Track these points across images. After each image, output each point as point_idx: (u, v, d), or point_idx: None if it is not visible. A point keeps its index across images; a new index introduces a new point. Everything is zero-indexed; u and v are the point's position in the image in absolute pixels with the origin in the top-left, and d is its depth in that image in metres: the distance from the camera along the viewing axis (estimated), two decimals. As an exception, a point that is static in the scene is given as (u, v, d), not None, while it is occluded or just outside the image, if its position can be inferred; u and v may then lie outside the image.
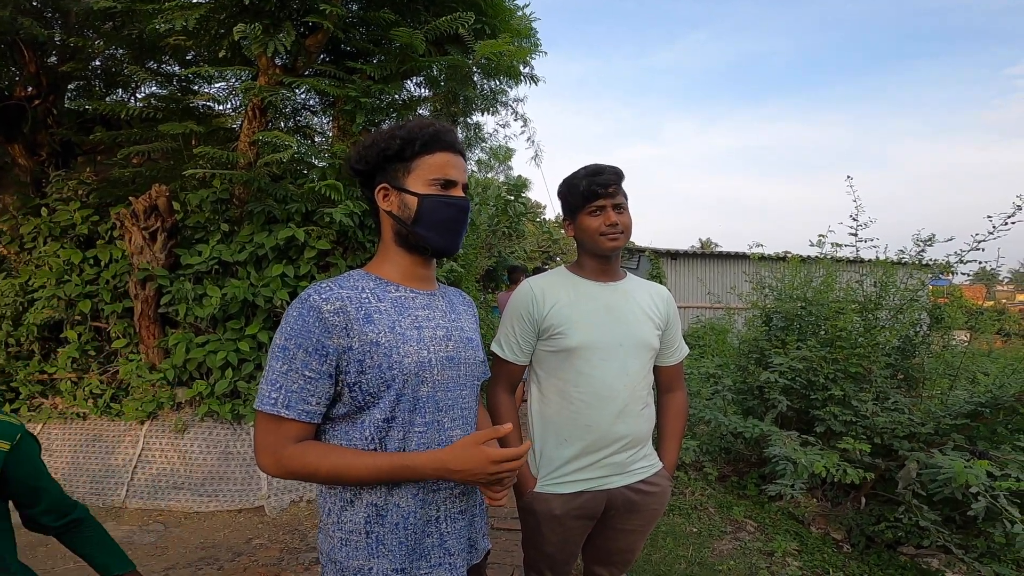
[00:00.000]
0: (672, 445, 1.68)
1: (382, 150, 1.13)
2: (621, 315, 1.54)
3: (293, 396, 1.01)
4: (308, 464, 1.02)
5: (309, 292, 1.05)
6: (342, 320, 1.02)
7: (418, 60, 3.86)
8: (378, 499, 1.06)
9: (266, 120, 3.99)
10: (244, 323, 3.77)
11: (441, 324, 1.15)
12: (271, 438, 1.02)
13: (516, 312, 1.54)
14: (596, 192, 1.49)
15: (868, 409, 3.00)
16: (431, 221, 1.11)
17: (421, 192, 1.11)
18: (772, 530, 3.28)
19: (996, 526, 2.34)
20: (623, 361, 1.51)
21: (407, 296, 1.14)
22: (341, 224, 3.52)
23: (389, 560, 1.05)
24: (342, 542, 1.07)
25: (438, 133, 1.13)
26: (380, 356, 1.03)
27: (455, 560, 1.12)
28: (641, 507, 1.57)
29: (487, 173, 14.35)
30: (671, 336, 1.66)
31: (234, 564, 2.99)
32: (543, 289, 1.54)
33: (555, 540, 1.54)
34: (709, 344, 5.65)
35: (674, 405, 1.70)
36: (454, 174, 1.14)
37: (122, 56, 4.45)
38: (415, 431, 1.07)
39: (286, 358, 1.01)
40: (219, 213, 3.89)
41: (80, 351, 4.05)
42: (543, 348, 1.54)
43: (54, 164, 4.49)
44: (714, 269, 13.07)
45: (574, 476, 1.51)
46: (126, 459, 3.82)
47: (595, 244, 1.52)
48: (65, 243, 4.10)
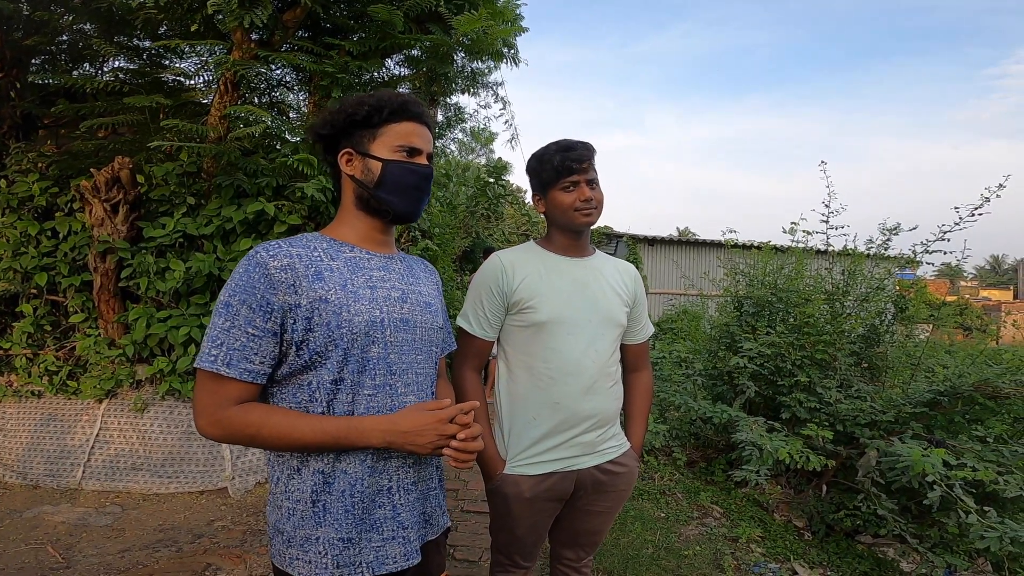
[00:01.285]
0: (639, 425, 1.68)
1: (349, 115, 1.14)
2: (590, 291, 1.52)
3: (235, 354, 0.97)
4: (250, 424, 0.98)
5: (257, 249, 1.03)
6: (289, 276, 1.00)
7: (398, 38, 3.80)
8: (325, 466, 1.03)
9: (239, 95, 3.88)
10: (209, 298, 3.67)
11: (397, 286, 1.14)
12: (211, 399, 0.99)
13: (485, 285, 1.51)
14: (571, 167, 1.47)
15: (832, 396, 3.05)
16: (394, 185, 1.12)
17: (386, 157, 1.12)
18: (737, 516, 3.32)
19: (950, 516, 2.39)
20: (591, 336, 1.50)
21: (362, 256, 1.13)
22: (313, 199, 3.44)
23: (335, 528, 1.02)
24: (289, 512, 1.04)
25: (406, 103, 1.14)
26: (328, 313, 1.01)
27: (408, 534, 1.09)
28: (609, 487, 1.56)
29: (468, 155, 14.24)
30: (638, 313, 1.66)
31: (194, 546, 2.92)
32: (512, 263, 1.51)
33: (525, 523, 1.51)
34: (682, 329, 5.70)
35: (640, 384, 1.69)
36: (419, 143, 1.15)
37: (90, 30, 4.30)
38: (364, 393, 1.05)
39: (229, 314, 0.98)
40: (185, 186, 3.78)
41: (36, 326, 3.90)
42: (512, 323, 1.52)
43: (15, 137, 4.32)
44: (690, 256, 13.29)
45: (544, 456, 1.49)
46: (83, 439, 3.70)
47: (569, 220, 1.50)
48: (23, 215, 3.94)
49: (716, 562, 2.80)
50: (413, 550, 1.09)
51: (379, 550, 1.05)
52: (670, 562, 2.78)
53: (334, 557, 1.01)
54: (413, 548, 1.09)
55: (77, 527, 3.11)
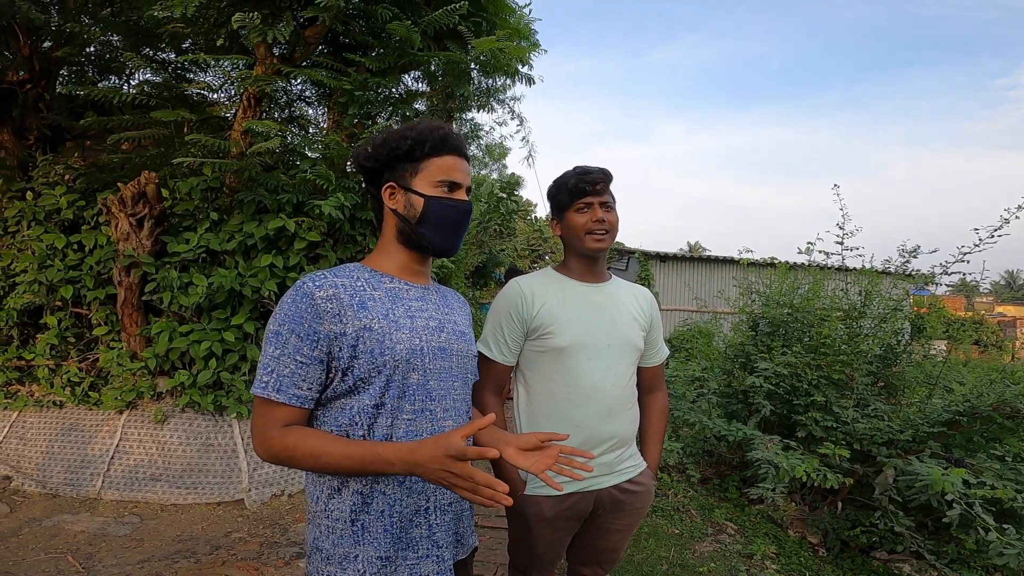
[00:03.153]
0: (655, 445, 1.71)
1: (392, 149, 1.15)
2: (608, 316, 1.55)
3: (284, 380, 1.02)
4: (287, 446, 1.02)
5: (304, 280, 1.07)
6: (335, 307, 1.04)
7: (416, 55, 3.87)
8: (364, 487, 1.06)
9: (261, 110, 3.97)
10: (230, 313, 3.73)
11: (434, 316, 1.17)
12: (262, 421, 1.04)
13: (505, 312, 1.54)
14: (584, 189, 1.51)
15: (849, 415, 3.05)
16: (435, 222, 1.14)
17: (427, 193, 1.14)
18: (751, 533, 3.31)
19: (969, 533, 2.39)
20: (610, 361, 1.53)
21: (401, 287, 1.16)
22: (331, 216, 3.50)
23: (374, 547, 1.05)
24: (328, 530, 1.07)
25: (447, 136, 1.16)
26: (372, 341, 1.04)
27: (443, 552, 1.12)
28: (627, 506, 1.59)
29: (481, 170, 14.36)
30: (654, 337, 1.69)
31: (212, 557, 2.95)
32: (532, 289, 1.55)
33: (545, 541, 1.54)
34: (695, 347, 5.69)
35: (656, 405, 1.73)
36: (459, 177, 1.16)
37: (118, 42, 4.40)
38: (403, 418, 1.07)
39: (279, 343, 1.03)
40: (208, 201, 3.85)
41: (59, 337, 3.97)
42: (531, 348, 1.55)
43: (42, 148, 4.42)
44: (702, 273, 13.21)
45: (563, 477, 1.51)
46: (103, 449, 3.75)
47: (582, 243, 1.54)
48: (49, 227, 4.02)
49: (732, 580, 2.80)
50: (446, 568, 1.12)
51: (414, 568, 1.08)
52: (685, 579, 2.78)
53: (372, 575, 1.05)
54: (447, 567, 1.12)
55: (96, 536, 3.15)
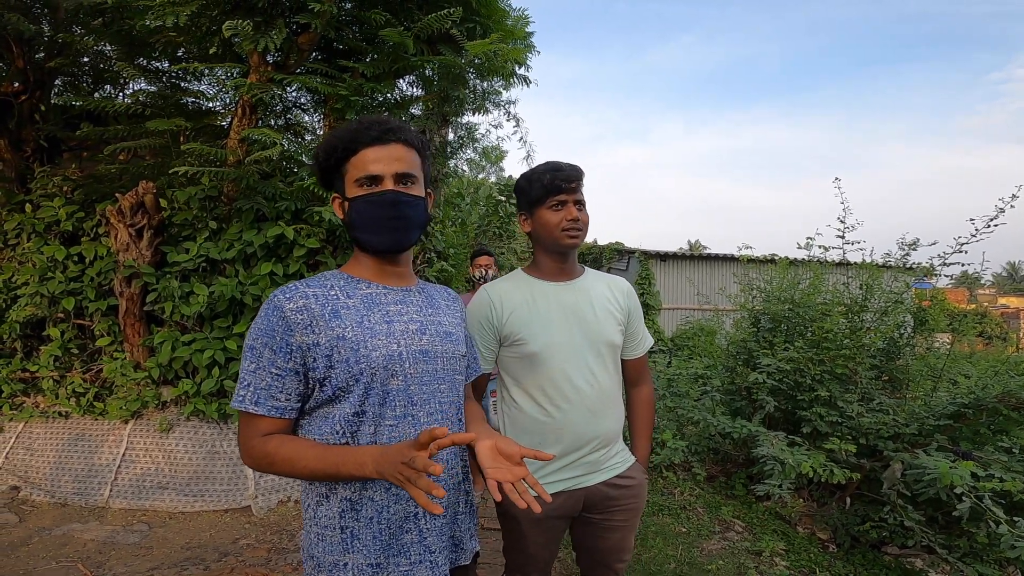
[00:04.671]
0: (643, 438, 1.70)
1: (321, 163, 1.15)
2: (581, 315, 1.53)
3: (262, 393, 1.04)
4: (267, 453, 1.04)
5: (276, 293, 1.08)
6: (306, 318, 1.04)
7: (410, 60, 3.86)
8: (352, 493, 1.07)
9: (256, 118, 3.96)
10: (232, 321, 3.74)
11: (415, 318, 1.15)
12: (244, 431, 1.06)
13: (475, 321, 1.53)
14: (559, 187, 1.49)
15: (854, 410, 3.04)
16: (363, 222, 1.11)
17: (350, 196, 1.11)
18: (759, 530, 3.31)
19: (980, 526, 2.38)
20: (587, 362, 1.52)
21: (378, 292, 1.15)
22: (330, 223, 3.50)
23: (364, 555, 1.06)
24: (318, 537, 1.08)
25: (357, 132, 1.10)
26: (347, 350, 1.05)
27: (436, 558, 1.11)
28: (619, 501, 1.58)
29: (479, 174, 14.36)
30: (634, 329, 1.65)
31: (221, 564, 2.96)
32: (500, 296, 1.53)
33: (536, 541, 1.54)
34: (698, 345, 5.69)
35: (642, 398, 1.71)
36: (377, 168, 1.09)
37: (111, 52, 4.40)
38: (385, 424, 1.08)
39: (254, 357, 1.05)
40: (207, 210, 3.85)
41: (63, 349, 3.99)
42: (506, 354, 1.55)
43: (39, 160, 4.42)
44: (703, 271, 13.17)
45: (551, 478, 1.51)
46: (110, 458, 3.76)
47: (554, 240, 1.52)
48: (49, 239, 4.03)
49: (740, 577, 2.80)
50: (442, 573, 1.12)
51: (406, 574, 1.08)
52: (693, 578, 2.78)
53: None
54: (441, 572, 1.12)
55: (106, 545, 3.16)
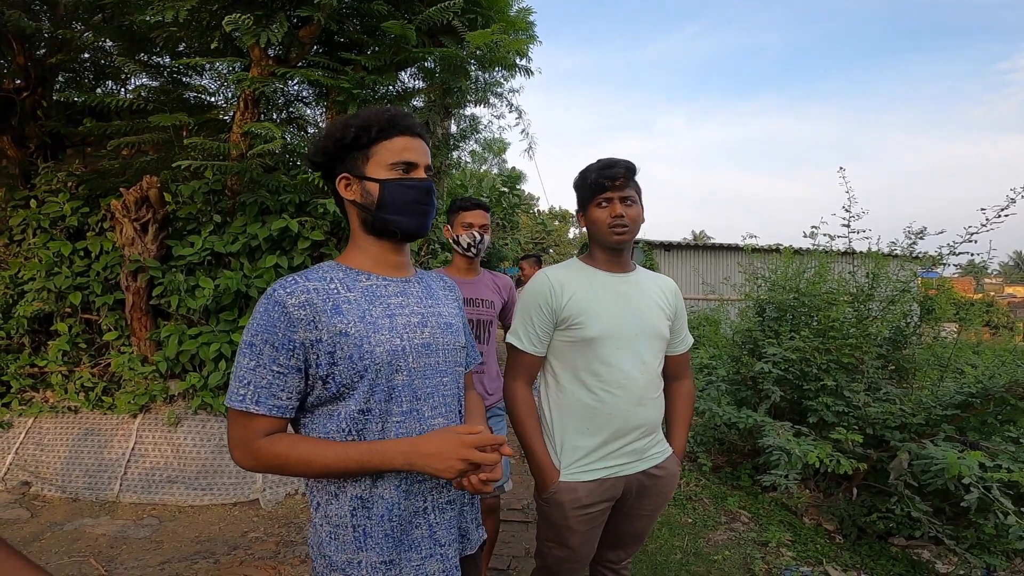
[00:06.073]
0: (681, 431, 1.74)
1: (338, 140, 1.11)
2: (636, 305, 1.58)
3: (262, 391, 1.00)
4: (279, 455, 1.01)
5: (274, 287, 1.04)
6: (308, 313, 1.01)
7: (412, 52, 3.84)
8: (363, 491, 1.06)
9: (258, 111, 3.95)
10: (237, 314, 3.75)
11: (416, 311, 1.14)
12: (243, 432, 1.02)
13: (534, 303, 1.56)
14: (604, 184, 1.53)
15: (860, 400, 3.03)
16: (396, 204, 1.10)
17: (382, 178, 1.10)
18: (766, 521, 3.31)
19: (988, 517, 2.37)
20: (639, 350, 1.56)
21: (379, 284, 1.13)
22: (335, 215, 3.50)
23: (377, 552, 1.05)
24: (330, 535, 1.07)
25: (393, 118, 1.11)
26: (350, 347, 1.02)
27: (446, 551, 1.12)
28: (652, 491, 1.63)
29: (481, 165, 14.31)
30: (679, 327, 1.72)
31: (230, 557, 2.99)
32: (560, 280, 1.57)
33: (582, 529, 1.56)
34: (703, 335, 5.68)
35: (682, 392, 1.76)
36: (414, 156, 1.12)
37: (112, 48, 4.39)
38: (393, 421, 1.06)
39: (253, 354, 1.01)
40: (211, 204, 3.86)
41: (71, 344, 4.01)
42: (560, 339, 1.57)
43: (43, 156, 4.43)
44: (707, 261, 13.19)
45: (597, 464, 1.55)
46: (119, 453, 3.79)
47: (603, 236, 1.56)
48: (55, 235, 4.05)
49: (746, 566, 2.80)
50: (452, 566, 1.12)
51: (419, 569, 1.08)
52: (699, 567, 2.78)
53: None
54: (452, 564, 1.12)
55: (117, 539, 3.19)
